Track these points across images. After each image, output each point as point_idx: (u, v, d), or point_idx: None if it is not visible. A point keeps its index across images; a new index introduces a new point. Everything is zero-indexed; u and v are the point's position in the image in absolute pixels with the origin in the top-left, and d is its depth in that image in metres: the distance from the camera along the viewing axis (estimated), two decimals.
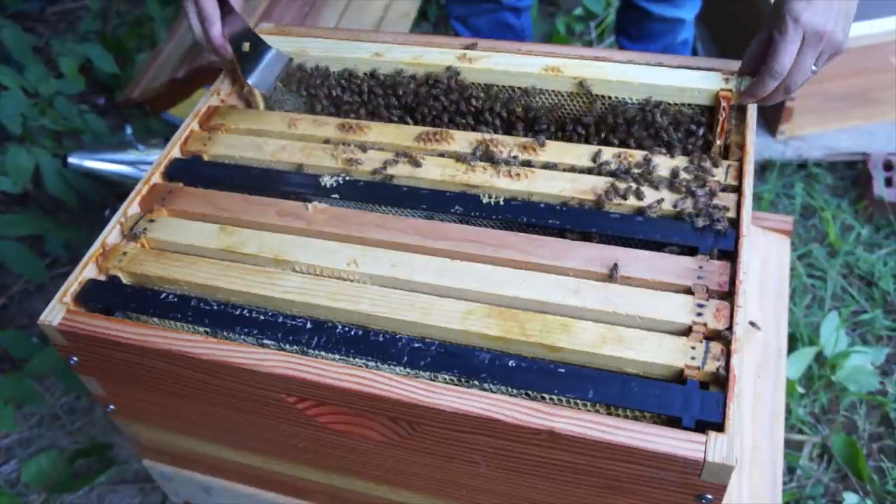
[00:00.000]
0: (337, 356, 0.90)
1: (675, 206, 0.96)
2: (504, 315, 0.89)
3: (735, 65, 1.09)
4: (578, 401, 0.83)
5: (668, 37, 1.68)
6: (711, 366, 0.82)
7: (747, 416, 1.21)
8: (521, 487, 0.91)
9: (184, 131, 1.15)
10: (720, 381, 0.82)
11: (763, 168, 1.87)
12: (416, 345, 0.88)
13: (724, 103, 1.03)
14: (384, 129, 1.11)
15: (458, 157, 1.05)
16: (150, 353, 0.92)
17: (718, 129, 1.04)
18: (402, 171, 1.05)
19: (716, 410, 0.79)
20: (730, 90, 1.04)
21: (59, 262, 1.86)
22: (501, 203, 1.00)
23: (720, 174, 0.99)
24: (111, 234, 1.02)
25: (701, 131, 1.07)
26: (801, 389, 1.49)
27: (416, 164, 1.05)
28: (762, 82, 0.99)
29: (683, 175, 1.00)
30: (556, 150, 1.05)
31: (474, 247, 0.95)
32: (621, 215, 0.97)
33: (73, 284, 0.97)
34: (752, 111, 1.05)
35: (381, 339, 0.89)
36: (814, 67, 0.98)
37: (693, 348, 0.84)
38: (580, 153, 1.04)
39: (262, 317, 0.93)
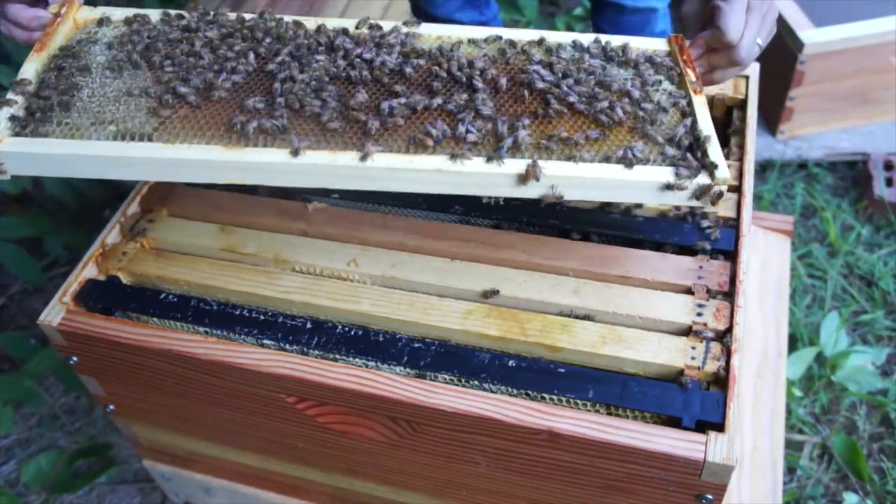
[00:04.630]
0: (337, 356, 0.90)
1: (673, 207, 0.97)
2: (504, 315, 0.89)
3: None
4: (578, 401, 0.83)
5: (644, 29, 1.67)
6: (712, 366, 0.82)
7: (747, 416, 1.21)
8: (521, 487, 0.91)
9: None
10: (720, 382, 0.82)
11: (763, 168, 1.87)
12: (416, 345, 0.88)
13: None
14: None
15: None
16: (150, 353, 0.92)
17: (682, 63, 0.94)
18: None
19: (716, 410, 0.79)
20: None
21: (59, 263, 1.86)
22: (501, 203, 1.00)
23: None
24: (111, 234, 1.02)
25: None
26: (798, 392, 1.49)
27: None
28: (716, 56, 0.93)
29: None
30: None
31: (474, 247, 0.95)
32: (621, 215, 0.98)
33: (72, 284, 0.97)
34: (752, 111, 1.06)
35: (381, 339, 0.89)
36: (759, 41, 0.92)
37: (693, 348, 0.84)
38: None
39: (262, 317, 0.93)
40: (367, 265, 0.95)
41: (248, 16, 0.97)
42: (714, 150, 0.83)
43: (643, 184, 0.82)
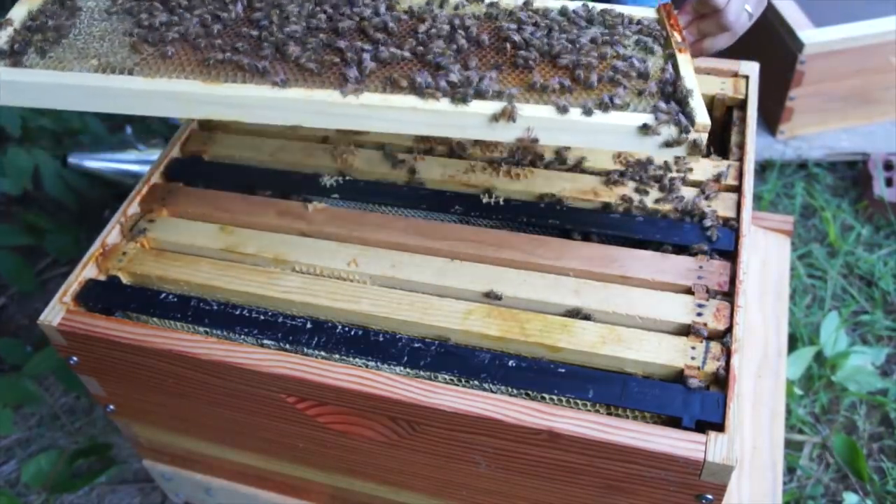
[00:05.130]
0: (337, 356, 0.90)
1: (671, 206, 0.97)
2: (504, 315, 0.89)
3: (730, 64, 1.09)
4: (578, 401, 0.83)
5: None
6: (711, 366, 0.82)
7: (747, 416, 1.21)
8: (521, 487, 0.91)
9: (184, 131, 1.15)
10: (720, 381, 0.82)
11: (763, 168, 1.87)
12: (416, 345, 0.88)
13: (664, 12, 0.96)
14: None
15: (459, 156, 1.06)
16: (150, 353, 0.92)
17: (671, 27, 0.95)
18: (402, 171, 1.05)
19: (716, 410, 0.79)
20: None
21: (59, 263, 1.86)
22: (501, 203, 1.00)
23: (719, 173, 1.00)
24: (111, 234, 1.02)
25: None
26: (798, 392, 1.49)
27: (416, 164, 1.05)
28: (705, 22, 0.94)
29: (679, 175, 1.00)
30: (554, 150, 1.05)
31: (474, 247, 0.95)
32: (621, 215, 0.98)
33: (72, 284, 0.97)
34: (752, 111, 1.06)
35: (381, 339, 0.89)
36: (748, 8, 0.92)
37: (693, 348, 0.84)
38: (580, 153, 1.04)
39: (262, 317, 0.93)
40: (367, 265, 0.95)
41: None
42: (695, 100, 0.84)
43: (620, 128, 0.83)
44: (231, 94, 0.85)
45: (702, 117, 0.82)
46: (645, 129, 0.82)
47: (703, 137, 0.82)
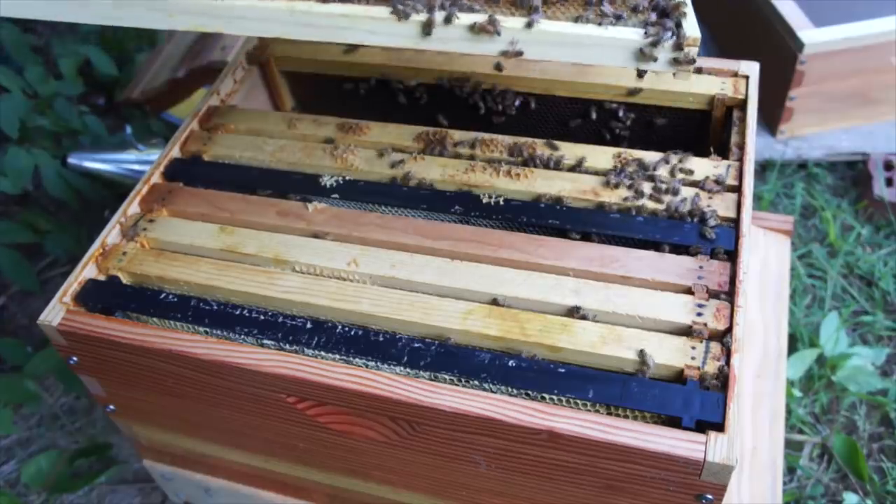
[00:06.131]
0: (337, 356, 0.90)
1: (671, 207, 0.97)
2: (504, 315, 0.89)
3: (730, 64, 1.09)
4: (578, 401, 0.83)
5: None
6: (712, 366, 0.82)
7: (747, 416, 1.21)
8: (522, 487, 0.91)
9: (184, 131, 1.15)
10: (720, 382, 0.82)
11: (763, 168, 1.87)
12: (416, 345, 0.88)
13: None
14: (384, 128, 1.11)
15: (459, 156, 1.06)
16: (150, 353, 0.92)
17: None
18: (402, 171, 1.05)
19: (716, 410, 0.79)
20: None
21: (59, 263, 1.86)
22: (501, 203, 1.00)
23: (719, 173, 1.00)
24: (111, 234, 1.02)
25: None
26: (798, 393, 1.49)
27: (415, 164, 1.05)
28: None
29: (679, 175, 1.00)
30: (555, 150, 1.05)
31: (474, 247, 0.95)
32: (621, 215, 0.98)
33: (72, 284, 0.97)
34: (752, 111, 1.06)
35: (381, 339, 0.89)
36: None
37: (693, 348, 0.84)
38: (580, 153, 1.04)
39: (262, 317, 0.93)
40: (367, 265, 0.95)
41: None
42: (686, 15, 0.83)
43: (607, 41, 0.82)
44: (212, 3, 0.85)
45: (692, 31, 0.82)
46: (634, 43, 0.81)
47: (694, 51, 0.82)
